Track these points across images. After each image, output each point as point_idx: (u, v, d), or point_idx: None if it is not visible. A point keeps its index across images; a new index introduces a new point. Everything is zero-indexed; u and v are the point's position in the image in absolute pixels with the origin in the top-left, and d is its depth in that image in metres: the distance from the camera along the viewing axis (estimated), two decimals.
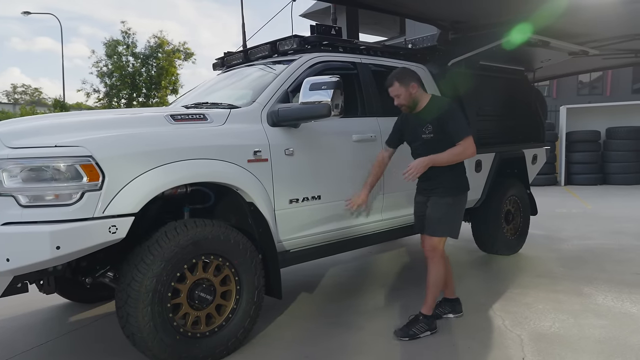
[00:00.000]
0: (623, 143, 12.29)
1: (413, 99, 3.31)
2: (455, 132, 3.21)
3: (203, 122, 3.05)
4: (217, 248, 2.91)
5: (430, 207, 3.32)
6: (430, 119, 3.27)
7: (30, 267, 2.45)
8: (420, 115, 3.34)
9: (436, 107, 3.30)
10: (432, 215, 3.29)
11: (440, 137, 3.24)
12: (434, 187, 3.32)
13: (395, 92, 3.32)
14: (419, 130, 3.32)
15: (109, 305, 4.10)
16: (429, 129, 3.28)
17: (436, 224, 3.27)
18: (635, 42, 5.53)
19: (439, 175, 3.28)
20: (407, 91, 3.29)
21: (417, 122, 3.35)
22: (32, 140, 2.56)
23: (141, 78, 18.96)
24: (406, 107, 3.36)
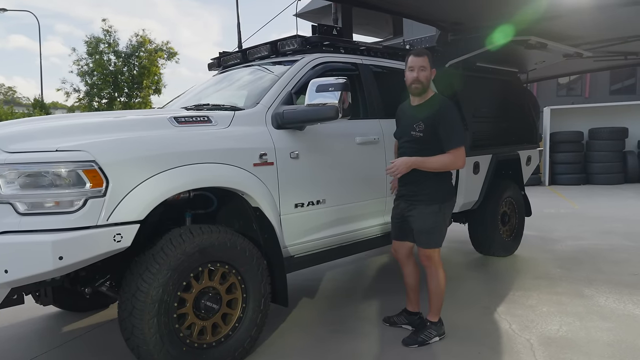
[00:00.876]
0: (605, 144, 12.52)
1: (429, 83, 3.15)
2: (447, 138, 3.03)
3: (207, 125, 2.95)
4: (224, 255, 2.81)
5: (416, 217, 3.15)
6: (424, 116, 3.09)
7: (31, 278, 2.32)
8: (417, 110, 3.18)
9: (434, 106, 3.11)
10: (422, 227, 3.14)
11: (429, 138, 3.07)
12: (418, 194, 3.15)
13: (424, 64, 3.09)
14: (410, 125, 3.15)
15: (102, 314, 3.96)
16: (420, 127, 3.09)
17: (428, 236, 3.14)
18: (626, 44, 5.59)
19: (423, 181, 3.12)
20: (430, 71, 3.13)
21: (411, 116, 3.19)
22: (30, 144, 2.42)
23: (123, 77, 18.55)
24: (420, 87, 3.11)
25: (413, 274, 3.41)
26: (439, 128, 3.04)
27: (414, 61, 3.13)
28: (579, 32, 4.91)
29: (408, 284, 3.44)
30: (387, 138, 3.85)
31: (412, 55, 3.17)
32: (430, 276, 3.22)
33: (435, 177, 3.12)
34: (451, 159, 3.04)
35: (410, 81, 3.14)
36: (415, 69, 3.11)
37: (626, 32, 5.03)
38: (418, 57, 3.14)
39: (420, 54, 3.16)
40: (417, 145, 3.12)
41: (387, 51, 4.39)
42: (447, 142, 3.04)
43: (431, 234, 3.14)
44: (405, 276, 3.44)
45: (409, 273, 3.42)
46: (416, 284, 3.43)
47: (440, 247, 3.19)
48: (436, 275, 3.20)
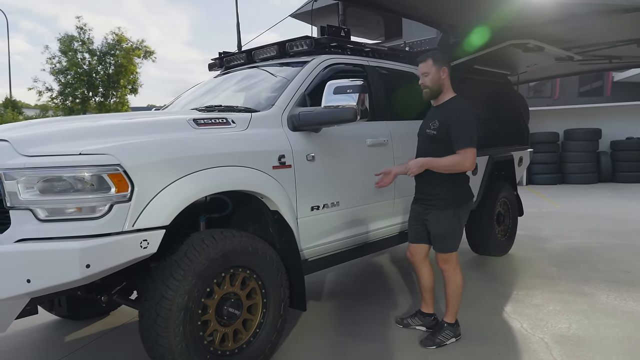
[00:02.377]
0: (580, 144, 12.90)
1: (439, 84, 3.12)
2: (455, 138, 3.01)
3: (226, 127, 2.89)
4: (246, 260, 2.76)
5: (432, 222, 3.17)
6: (440, 115, 3.11)
7: (55, 288, 2.22)
8: (435, 110, 3.21)
9: (451, 106, 3.11)
10: (438, 232, 3.15)
11: (441, 137, 3.06)
12: (432, 198, 3.15)
13: (425, 70, 3.13)
14: (427, 124, 3.19)
15: (105, 321, 3.83)
16: (434, 125, 3.10)
17: (444, 241, 3.16)
18: (613, 49, 5.76)
19: (436, 184, 3.12)
20: (437, 73, 3.10)
21: (430, 115, 3.23)
22: (51, 148, 2.32)
23: (98, 76, 18.02)
24: (428, 91, 3.15)
25: (428, 276, 3.41)
26: (450, 128, 3.03)
27: (419, 68, 3.21)
28: (572, 37, 5.02)
29: (423, 285, 3.45)
30: (395, 140, 3.87)
31: (417, 62, 3.24)
32: (448, 279, 3.23)
33: (450, 180, 3.10)
34: (458, 159, 3.01)
35: (420, 84, 3.22)
36: (420, 75, 3.20)
37: (615, 37, 5.18)
38: (420, 62, 3.19)
39: (423, 59, 3.18)
40: (431, 143, 3.14)
41: (392, 53, 4.40)
42: (455, 142, 3.02)
43: (446, 239, 3.15)
44: (420, 278, 3.45)
45: (424, 275, 3.42)
46: (431, 285, 3.44)
47: (456, 251, 3.20)
48: (454, 279, 3.22)
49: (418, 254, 3.36)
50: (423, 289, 3.46)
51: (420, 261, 3.37)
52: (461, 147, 3.00)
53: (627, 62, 6.54)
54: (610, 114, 13.37)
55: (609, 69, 7.06)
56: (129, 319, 3.87)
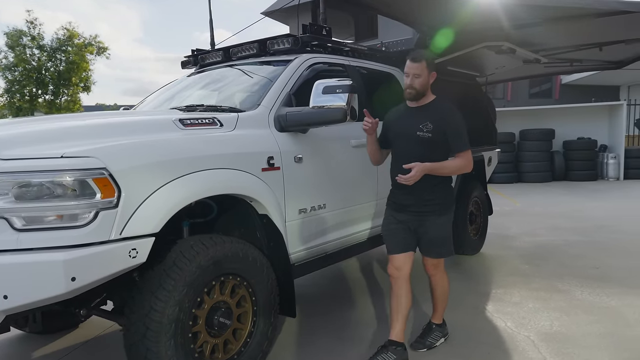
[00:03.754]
0: (535, 144, 13.35)
1: (426, 88, 2.97)
2: (456, 142, 2.93)
3: (214, 128, 2.75)
4: (236, 267, 2.63)
5: (431, 229, 2.96)
6: (432, 117, 2.93)
7: (35, 304, 2.03)
8: (419, 111, 3.00)
9: (443, 109, 2.98)
10: (437, 237, 2.99)
11: (437, 139, 2.91)
12: (428, 204, 2.94)
13: (417, 72, 2.92)
14: (415, 126, 2.94)
15: (74, 335, 3.59)
16: (428, 127, 2.91)
17: (442, 246, 3.04)
18: (576, 52, 5.97)
19: (432, 189, 2.94)
20: (427, 77, 2.95)
21: (414, 116, 2.99)
22: (27, 150, 2.12)
23: (48, 73, 17.06)
24: (414, 93, 2.95)
25: (409, 295, 2.99)
26: (447, 131, 2.91)
27: (410, 67, 2.96)
28: (540, 40, 5.16)
29: (405, 306, 2.97)
30: None
31: (409, 59, 2.98)
32: (436, 283, 3.17)
33: (443, 183, 3.01)
34: (464, 162, 2.95)
35: (405, 87, 3.02)
36: (410, 75, 2.95)
37: (580, 41, 5.37)
38: (414, 62, 2.95)
39: (417, 59, 2.95)
40: (424, 146, 2.92)
41: (370, 53, 4.36)
42: (456, 146, 2.94)
43: (445, 244, 3.04)
44: (401, 299, 2.96)
45: (405, 295, 2.97)
46: (409, 306, 3.01)
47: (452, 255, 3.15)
48: (442, 281, 3.18)
49: (406, 267, 2.97)
50: (399, 311, 2.97)
51: (406, 276, 2.98)
52: (462, 149, 2.94)
53: (586, 65, 6.81)
54: (562, 115, 13.93)
55: (569, 71, 7.34)
56: (100, 331, 3.65)
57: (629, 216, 7.77)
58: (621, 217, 7.73)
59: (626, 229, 6.79)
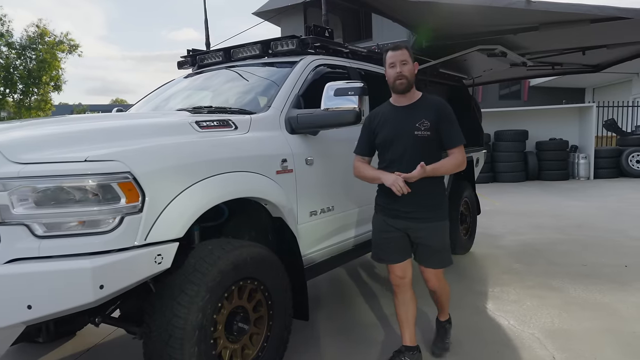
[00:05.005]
0: (509, 145, 13.67)
1: (414, 77, 2.80)
2: (449, 137, 2.76)
3: (229, 130, 2.71)
4: (254, 271, 2.60)
5: (430, 236, 2.80)
6: (426, 114, 2.75)
7: (60, 313, 1.96)
8: (411, 109, 2.81)
9: (436, 104, 2.80)
10: (438, 245, 2.82)
11: (434, 137, 2.75)
12: (426, 209, 2.78)
13: (404, 58, 2.75)
14: (410, 124, 2.75)
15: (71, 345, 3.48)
16: (425, 125, 2.72)
17: (443, 254, 2.86)
18: (559, 56, 6.15)
19: (431, 193, 2.79)
20: (413, 65, 2.79)
21: (407, 116, 2.79)
22: (47, 154, 2.04)
23: (17, 72, 16.42)
24: (405, 82, 2.76)
25: (415, 301, 2.97)
26: (442, 127, 2.74)
27: (394, 56, 2.78)
28: (527, 44, 5.28)
29: (412, 312, 2.95)
30: None
31: (390, 50, 2.82)
32: (439, 294, 3.07)
33: (439, 186, 2.86)
34: (461, 159, 2.77)
35: (393, 78, 2.78)
36: (396, 63, 2.75)
37: (565, 44, 5.53)
38: (397, 50, 2.78)
39: (398, 47, 2.81)
40: (423, 145, 2.74)
41: (368, 55, 4.38)
42: (450, 141, 2.76)
43: (445, 251, 2.87)
44: (408, 305, 2.93)
45: (411, 301, 2.94)
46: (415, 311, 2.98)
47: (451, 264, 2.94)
48: (445, 290, 3.08)
49: (409, 273, 2.92)
50: (408, 318, 2.94)
51: (409, 283, 2.93)
52: (458, 144, 2.77)
53: (567, 69, 7.02)
54: (534, 117, 14.32)
55: (550, 74, 7.54)
56: (100, 339, 3.54)
57: (603, 214, 8.04)
58: (596, 215, 8.00)
59: (603, 226, 7.03)
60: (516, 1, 3.54)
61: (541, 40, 5.12)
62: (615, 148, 14.10)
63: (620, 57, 6.48)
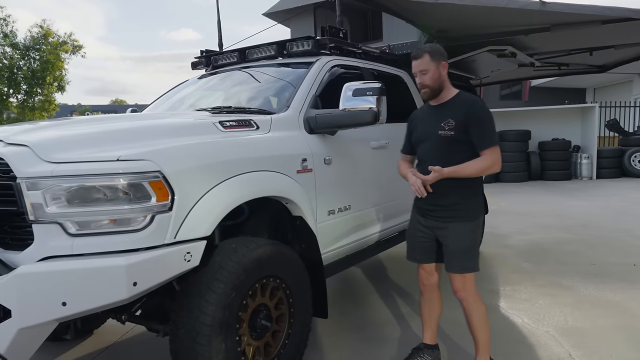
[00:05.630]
0: (512, 145, 13.72)
1: (440, 82, 2.72)
2: (480, 137, 2.60)
3: (251, 130, 2.75)
4: (276, 269, 2.63)
5: (452, 238, 2.70)
6: (454, 113, 2.66)
7: (94, 310, 1.99)
8: (441, 109, 2.75)
9: (467, 103, 2.69)
10: (458, 248, 2.69)
11: (460, 137, 2.63)
12: (449, 209, 2.71)
13: (423, 67, 2.69)
14: (436, 124, 2.70)
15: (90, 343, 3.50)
16: (450, 124, 2.65)
17: (464, 259, 2.69)
18: (566, 57, 6.20)
19: (456, 194, 2.69)
20: (436, 70, 2.69)
21: (436, 115, 2.74)
22: (78, 153, 2.07)
23: (21, 72, 16.43)
24: (429, 92, 2.74)
25: (440, 303, 2.98)
26: (471, 127, 2.61)
27: (414, 66, 2.77)
28: (536, 44, 5.32)
29: (436, 313, 2.96)
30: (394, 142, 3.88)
31: (412, 59, 2.79)
32: (470, 310, 2.75)
33: (468, 188, 2.71)
34: (489, 162, 2.60)
35: (419, 87, 2.81)
36: (417, 74, 2.76)
37: (574, 45, 5.57)
38: (416, 60, 2.75)
39: (417, 55, 2.74)
40: (444, 145, 2.68)
41: (380, 55, 4.42)
42: (480, 142, 2.61)
43: (468, 256, 2.70)
44: (432, 306, 2.95)
45: (436, 301, 2.95)
46: (440, 311, 3.00)
47: (476, 270, 2.74)
48: (476, 307, 2.76)
49: (435, 275, 2.91)
50: (431, 318, 2.97)
51: (436, 284, 2.93)
52: (488, 146, 2.60)
53: (573, 69, 7.06)
54: (536, 117, 14.37)
55: (556, 74, 7.58)
56: (117, 338, 3.57)
57: (607, 214, 8.08)
58: (600, 215, 8.03)
59: (608, 226, 7.06)
60: (531, 2, 3.59)
61: (551, 40, 5.16)
62: (618, 148, 14.15)
63: (626, 58, 6.53)
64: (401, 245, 5.10)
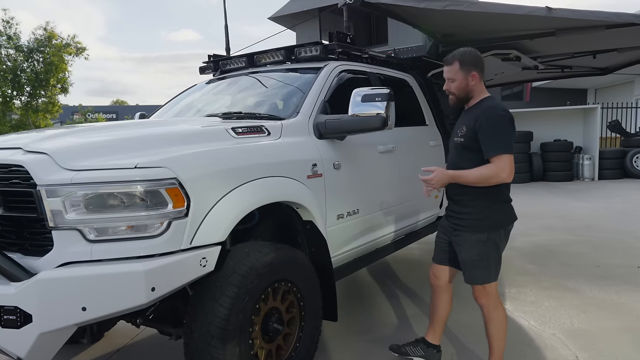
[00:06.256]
0: (515, 146, 13.56)
1: (467, 92, 2.68)
2: (485, 143, 2.53)
3: (263, 136, 2.79)
4: (288, 273, 2.67)
5: (461, 246, 2.70)
6: (469, 119, 2.65)
7: (112, 315, 2.03)
8: (465, 114, 2.75)
9: (480, 111, 2.62)
10: (467, 259, 2.68)
11: (469, 145, 2.62)
12: (462, 217, 2.70)
13: (451, 75, 2.68)
14: (455, 131, 2.77)
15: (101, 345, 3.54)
16: (462, 130, 2.67)
17: (473, 270, 2.68)
18: (569, 60, 6.23)
19: (468, 201, 2.67)
20: (464, 79, 2.65)
21: (460, 121, 2.78)
22: (97, 161, 2.11)
23: (25, 74, 16.48)
24: (454, 99, 2.74)
25: (447, 305, 3.00)
26: (479, 133, 2.56)
27: (444, 70, 2.76)
28: (540, 48, 5.36)
29: (439, 314, 3.01)
30: (399, 146, 3.93)
31: (443, 62, 2.78)
32: (489, 317, 2.75)
33: (485, 196, 2.63)
34: (492, 171, 2.52)
35: (445, 90, 2.79)
36: (446, 79, 2.75)
37: (577, 48, 5.60)
38: (446, 66, 2.72)
39: (448, 61, 2.71)
40: (460, 153, 2.71)
41: (386, 60, 4.46)
42: (486, 149, 2.54)
43: (476, 267, 2.66)
44: (437, 305, 3.00)
45: (442, 303, 2.98)
46: (446, 316, 3.03)
47: (493, 282, 2.71)
48: (496, 315, 2.75)
49: (443, 277, 2.93)
50: (437, 317, 3.02)
51: (444, 286, 2.95)
52: (493, 154, 2.51)
53: (576, 72, 7.10)
54: (538, 118, 14.40)
55: (559, 77, 7.61)
56: (128, 340, 3.61)
57: (610, 215, 8.12)
58: (603, 216, 8.07)
59: (611, 227, 7.10)
60: (537, 8, 3.63)
61: (555, 44, 5.19)
62: (620, 149, 14.18)
63: (629, 60, 6.56)
64: (409, 247, 5.17)
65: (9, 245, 2.19)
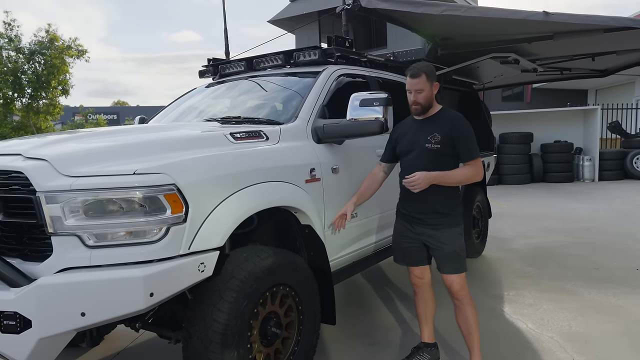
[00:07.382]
0: (514, 147, 13.76)
1: (431, 100, 2.92)
2: (467, 150, 2.85)
3: (261, 141, 2.81)
4: (286, 277, 2.69)
5: (444, 242, 2.90)
6: (440, 127, 2.87)
7: (111, 320, 2.05)
8: (426, 123, 2.94)
9: (451, 119, 2.90)
10: (451, 250, 2.88)
11: (445, 151, 2.85)
12: (440, 216, 2.90)
13: (419, 87, 2.86)
14: (422, 137, 2.90)
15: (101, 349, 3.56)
16: (435, 138, 2.85)
17: (458, 259, 2.90)
18: (568, 62, 6.24)
19: (444, 200, 2.90)
20: (430, 90, 2.88)
21: (421, 128, 2.94)
22: (96, 167, 2.13)
23: (26, 76, 16.52)
24: (420, 109, 2.92)
25: (434, 300, 3.15)
26: (457, 141, 2.84)
27: (410, 83, 2.91)
28: (539, 51, 5.37)
29: (429, 312, 3.15)
30: None
31: (408, 76, 2.93)
32: (467, 308, 2.93)
33: (452, 194, 2.94)
34: (474, 171, 2.86)
35: (410, 103, 2.96)
36: (412, 91, 2.90)
37: (576, 51, 5.61)
38: (413, 78, 2.89)
39: (415, 74, 2.88)
40: (430, 157, 2.87)
41: (384, 63, 4.47)
42: (466, 155, 2.86)
43: (460, 257, 2.91)
44: (426, 304, 3.13)
45: (429, 299, 3.13)
46: (435, 311, 3.18)
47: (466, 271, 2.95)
48: (471, 308, 2.94)
49: (426, 275, 3.09)
50: (427, 314, 3.15)
51: (428, 283, 3.12)
52: (472, 158, 2.86)
53: (575, 74, 7.10)
54: (538, 119, 14.41)
55: (559, 79, 7.62)
56: (128, 343, 3.63)
57: (610, 217, 8.13)
58: (603, 218, 8.08)
59: (611, 229, 7.11)
60: (535, 13, 3.64)
61: (554, 47, 5.21)
62: (620, 150, 14.18)
63: (628, 62, 6.57)
64: None
65: (8, 250, 2.22)
